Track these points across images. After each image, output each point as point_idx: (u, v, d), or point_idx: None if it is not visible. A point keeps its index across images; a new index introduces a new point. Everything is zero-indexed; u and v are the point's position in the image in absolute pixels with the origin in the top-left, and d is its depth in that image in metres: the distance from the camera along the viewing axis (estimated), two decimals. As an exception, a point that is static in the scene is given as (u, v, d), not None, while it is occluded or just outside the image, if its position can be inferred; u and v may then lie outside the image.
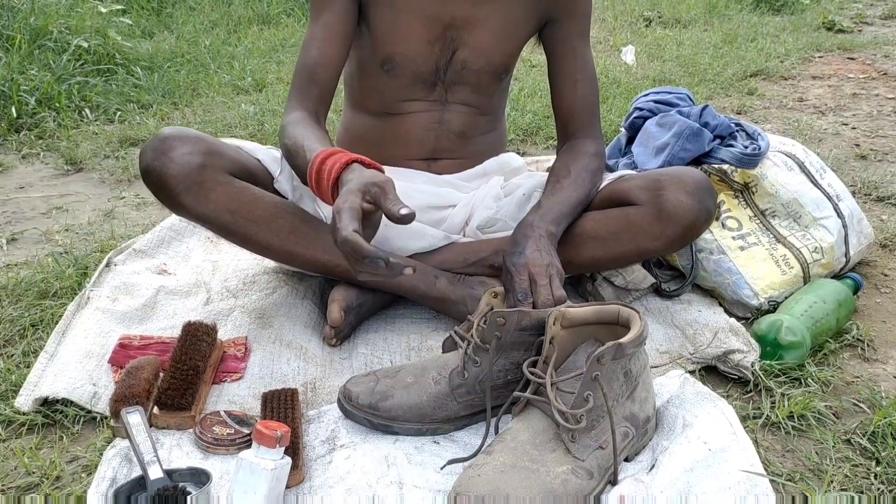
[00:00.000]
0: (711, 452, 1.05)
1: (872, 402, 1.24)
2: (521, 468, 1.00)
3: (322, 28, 1.37)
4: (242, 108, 2.86)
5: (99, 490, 1.01)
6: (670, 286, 1.57)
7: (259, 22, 4.33)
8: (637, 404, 1.10)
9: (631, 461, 1.10)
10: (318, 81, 1.36)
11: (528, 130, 2.63)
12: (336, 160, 1.11)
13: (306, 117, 1.32)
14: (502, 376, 1.16)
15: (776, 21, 4.44)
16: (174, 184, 1.25)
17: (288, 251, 1.35)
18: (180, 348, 1.24)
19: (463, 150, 1.53)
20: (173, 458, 1.09)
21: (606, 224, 1.38)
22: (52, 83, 2.84)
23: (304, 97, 1.36)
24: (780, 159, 1.63)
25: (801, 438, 1.17)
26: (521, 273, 1.24)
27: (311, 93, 1.36)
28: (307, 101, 1.35)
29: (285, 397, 1.18)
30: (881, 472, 1.09)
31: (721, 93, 3.10)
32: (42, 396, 1.21)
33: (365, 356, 1.37)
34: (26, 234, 1.91)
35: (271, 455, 0.99)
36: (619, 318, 1.11)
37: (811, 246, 1.54)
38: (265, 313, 1.47)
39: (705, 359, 1.34)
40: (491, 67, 1.47)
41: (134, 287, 1.54)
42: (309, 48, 1.37)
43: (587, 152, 1.45)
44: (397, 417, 1.15)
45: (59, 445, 1.15)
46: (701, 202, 1.31)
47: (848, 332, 1.43)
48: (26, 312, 1.48)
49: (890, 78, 3.33)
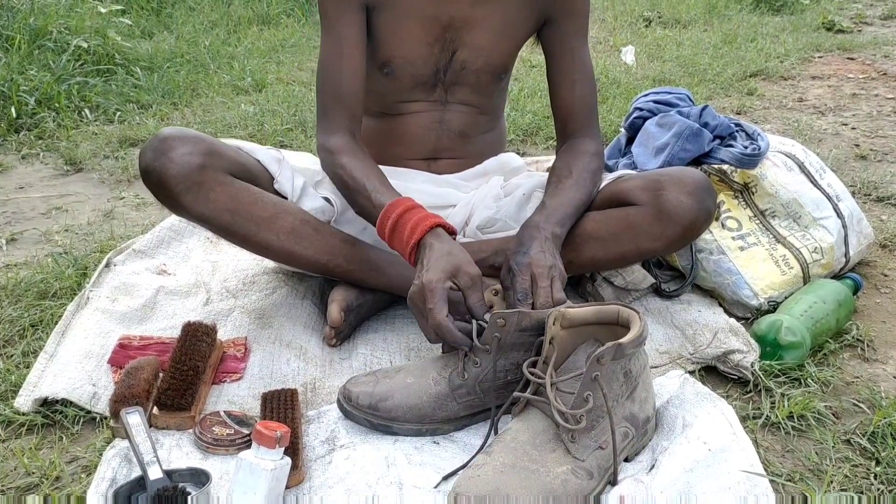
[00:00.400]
0: (711, 453, 1.05)
1: (872, 403, 1.24)
2: (521, 468, 1.00)
3: (337, 42, 1.38)
4: (242, 108, 2.86)
5: (99, 490, 1.01)
6: (670, 286, 1.57)
7: (259, 22, 4.34)
8: (637, 404, 1.10)
9: (631, 461, 1.10)
10: (345, 100, 1.38)
11: (527, 131, 2.63)
12: (420, 220, 1.21)
13: (353, 146, 1.36)
14: (502, 377, 1.16)
15: (776, 21, 4.44)
16: (174, 184, 1.25)
17: (287, 251, 1.35)
18: (180, 348, 1.24)
19: (463, 149, 1.53)
20: (173, 459, 1.09)
21: (607, 224, 1.38)
22: (52, 83, 2.84)
23: (337, 117, 1.38)
24: (780, 159, 1.63)
25: (801, 439, 1.17)
26: (524, 273, 1.24)
27: (343, 113, 1.38)
28: (341, 121, 1.38)
29: (285, 397, 1.18)
30: (881, 472, 1.09)
31: (721, 93, 3.10)
32: (42, 397, 1.21)
33: (365, 356, 1.37)
34: (26, 234, 1.91)
35: (271, 455, 0.99)
36: (619, 319, 1.11)
37: (811, 246, 1.54)
38: (265, 314, 1.47)
39: (705, 359, 1.34)
40: (490, 67, 1.47)
41: (133, 287, 1.54)
42: (328, 66, 1.38)
43: (587, 152, 1.45)
44: (397, 418, 1.16)
45: (59, 446, 1.15)
46: (701, 202, 1.30)
47: (848, 332, 1.43)
48: (26, 313, 1.48)
49: (890, 78, 3.33)
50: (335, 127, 1.37)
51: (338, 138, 1.36)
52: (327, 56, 1.38)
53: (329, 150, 1.36)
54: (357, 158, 1.34)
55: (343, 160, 1.33)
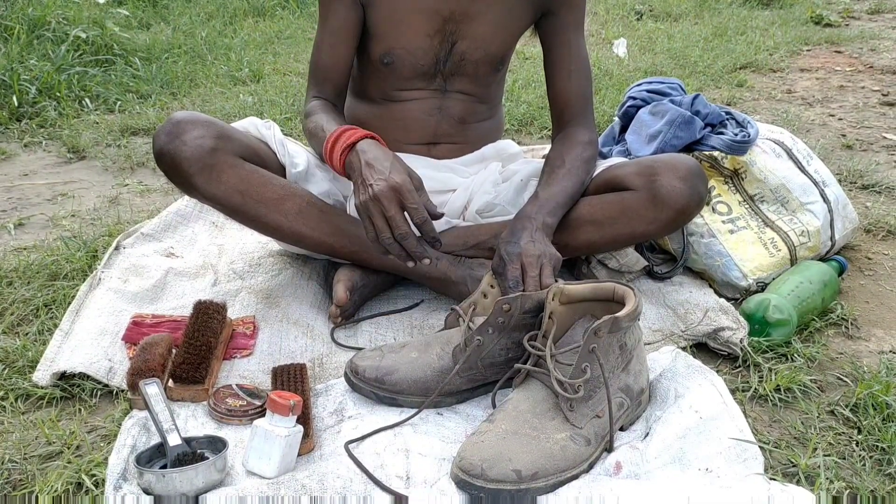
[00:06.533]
0: (703, 420, 1.10)
1: (855, 376, 1.30)
2: (523, 435, 1.05)
3: (330, 34, 1.49)
4: (241, 98, 2.90)
5: (120, 457, 1.05)
6: (662, 269, 1.62)
7: (254, 14, 4.37)
8: (632, 376, 1.15)
9: (626, 430, 1.16)
10: (331, 80, 1.51)
11: (522, 121, 2.68)
12: (353, 132, 1.29)
13: (325, 104, 1.47)
14: (503, 354, 1.21)
15: (765, 15, 4.51)
16: (187, 166, 1.29)
17: (295, 232, 1.40)
18: (192, 325, 1.28)
19: (462, 135, 1.58)
20: (189, 428, 1.14)
21: (602, 209, 1.42)
22: (52, 73, 2.87)
23: (321, 91, 1.51)
24: (769, 146, 1.68)
25: (788, 409, 1.23)
26: (514, 262, 1.29)
27: (327, 88, 1.51)
28: (320, 92, 1.50)
29: (294, 371, 1.23)
30: (862, 440, 1.15)
31: (711, 85, 3.16)
32: (59, 371, 1.25)
33: (369, 334, 1.42)
34: (33, 219, 1.95)
35: (285, 423, 1.05)
36: (615, 295, 1.17)
37: (798, 230, 1.59)
38: (272, 294, 1.51)
39: (696, 336, 1.39)
40: (489, 58, 1.51)
41: (143, 269, 1.58)
42: (319, 52, 1.51)
43: (581, 141, 1.50)
44: (402, 391, 1.20)
45: (78, 417, 1.19)
46: (693, 188, 1.35)
47: (833, 311, 1.49)
48: (39, 293, 1.53)
49: (876, 71, 3.39)
50: (313, 97, 1.50)
51: (316, 101, 1.48)
52: (319, 44, 1.51)
53: (305, 113, 1.47)
54: (324, 111, 1.44)
55: (313, 116, 1.43)
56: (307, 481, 1.01)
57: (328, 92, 1.50)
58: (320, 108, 1.45)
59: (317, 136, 1.38)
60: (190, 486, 0.99)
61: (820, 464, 1.08)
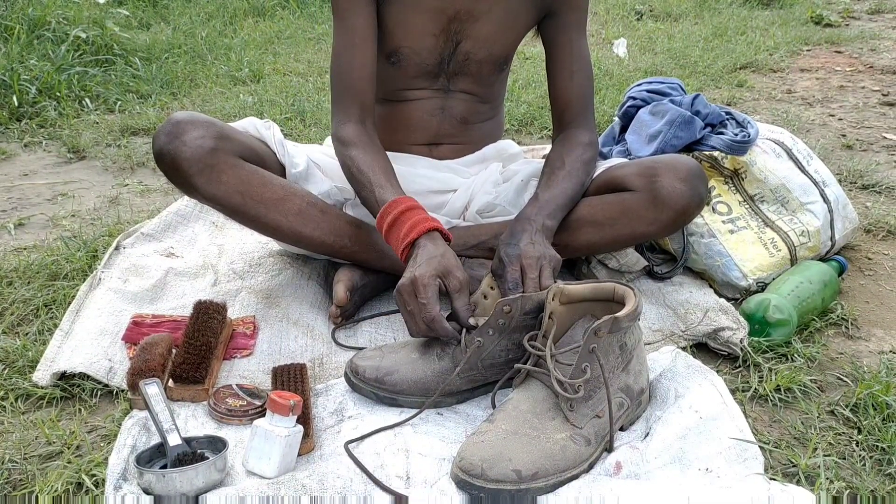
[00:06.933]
0: (703, 420, 1.10)
1: (855, 376, 1.30)
2: (523, 435, 1.05)
3: (348, 33, 1.42)
4: (241, 98, 2.90)
5: (120, 456, 1.05)
6: (662, 269, 1.62)
7: (254, 14, 4.37)
8: (632, 376, 1.15)
9: (626, 430, 1.16)
10: (357, 90, 1.42)
11: (522, 121, 2.68)
12: (418, 221, 1.25)
13: (363, 137, 1.40)
14: (504, 355, 1.21)
15: (765, 15, 4.51)
16: (187, 166, 1.29)
17: (296, 232, 1.40)
18: (192, 325, 1.29)
19: (464, 135, 1.58)
20: (189, 428, 1.14)
21: (603, 209, 1.43)
22: (52, 73, 2.87)
23: (349, 107, 1.42)
24: (769, 146, 1.68)
25: (788, 409, 1.23)
26: (514, 264, 1.29)
27: (354, 103, 1.42)
28: (353, 111, 1.42)
29: (294, 371, 1.23)
30: (863, 439, 1.15)
31: (711, 85, 3.16)
32: (59, 371, 1.26)
33: (369, 334, 1.42)
34: (33, 219, 1.95)
35: (285, 423, 1.05)
36: (615, 296, 1.17)
37: (798, 229, 1.59)
38: (272, 294, 1.51)
39: (696, 336, 1.39)
40: (492, 58, 1.52)
41: (143, 269, 1.58)
42: (341, 56, 1.43)
43: (581, 142, 1.50)
44: (402, 391, 1.20)
45: (78, 417, 1.19)
46: (693, 188, 1.35)
47: (833, 311, 1.49)
48: (39, 293, 1.53)
49: (875, 71, 3.39)
50: (347, 117, 1.42)
51: (349, 128, 1.40)
52: (340, 47, 1.43)
53: (340, 139, 1.40)
54: (366, 151, 1.37)
55: (353, 152, 1.37)
56: (307, 481, 1.01)
57: (356, 106, 1.42)
58: (358, 142, 1.38)
59: (360, 182, 1.34)
60: (190, 486, 0.99)
61: (820, 464, 1.08)
